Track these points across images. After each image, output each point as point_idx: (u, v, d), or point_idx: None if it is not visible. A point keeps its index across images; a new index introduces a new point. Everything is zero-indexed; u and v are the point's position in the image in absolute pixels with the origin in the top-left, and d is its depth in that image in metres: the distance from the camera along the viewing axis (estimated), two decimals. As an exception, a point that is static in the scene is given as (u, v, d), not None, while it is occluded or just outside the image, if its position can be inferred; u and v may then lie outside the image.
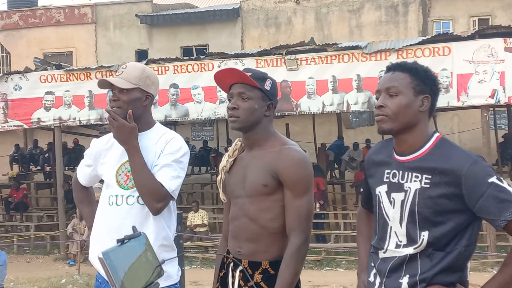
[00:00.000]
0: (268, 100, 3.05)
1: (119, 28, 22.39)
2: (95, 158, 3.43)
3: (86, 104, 15.30)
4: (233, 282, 3.08)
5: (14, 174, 20.43)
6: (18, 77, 15.86)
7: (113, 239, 3.23)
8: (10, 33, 23.45)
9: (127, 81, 3.25)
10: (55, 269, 13.90)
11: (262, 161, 3.01)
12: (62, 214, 15.93)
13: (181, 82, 14.53)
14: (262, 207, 2.99)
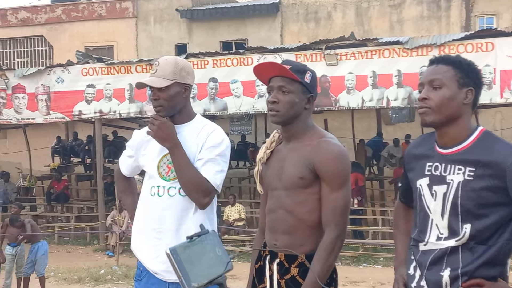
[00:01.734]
0: (308, 93, 3.04)
1: (159, 22, 22.54)
2: (137, 149, 3.46)
3: (126, 97, 15.45)
4: (271, 275, 3.08)
5: (55, 166, 20.73)
6: (61, 70, 16.09)
7: (155, 230, 3.29)
8: (53, 27, 23.80)
9: (163, 78, 3.26)
10: (95, 260, 14.09)
11: (300, 153, 3.00)
12: (101, 205, 16.13)
13: (220, 76, 14.57)
14: (298, 200, 2.99)
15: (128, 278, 11.60)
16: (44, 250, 10.71)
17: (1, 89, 16.49)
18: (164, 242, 3.24)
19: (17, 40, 24.50)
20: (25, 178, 21.21)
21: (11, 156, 22.20)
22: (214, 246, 2.56)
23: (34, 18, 23.94)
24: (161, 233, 3.28)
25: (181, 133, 3.28)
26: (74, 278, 11.86)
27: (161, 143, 3.26)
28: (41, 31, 23.95)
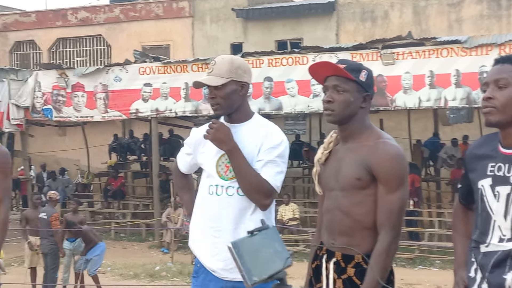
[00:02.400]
0: (364, 92, 3.02)
1: (215, 21, 22.68)
2: (195, 147, 3.48)
3: (182, 96, 15.61)
4: (327, 274, 3.06)
5: (112, 163, 21.09)
6: (118, 69, 16.37)
7: (213, 228, 3.31)
8: (112, 27, 24.22)
9: (219, 76, 3.27)
10: (150, 256, 14.27)
11: (356, 154, 2.97)
12: (157, 203, 16.35)
13: (275, 76, 14.57)
14: (355, 201, 2.96)
15: (183, 275, 11.72)
16: (100, 251, 10.81)
17: (61, 87, 16.86)
18: (221, 241, 3.26)
19: (76, 39, 25.04)
20: (83, 175, 21.68)
21: (70, 153, 22.69)
22: (274, 242, 2.57)
23: (93, 18, 24.43)
24: (219, 232, 3.30)
25: (239, 132, 3.29)
26: (130, 274, 12.05)
27: (218, 147, 3.28)
28: (100, 30, 24.42)
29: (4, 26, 25.88)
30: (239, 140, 3.26)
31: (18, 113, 17.05)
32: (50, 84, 17.01)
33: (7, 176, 4.24)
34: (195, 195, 3.52)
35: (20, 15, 26.28)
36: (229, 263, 3.25)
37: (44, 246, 10.23)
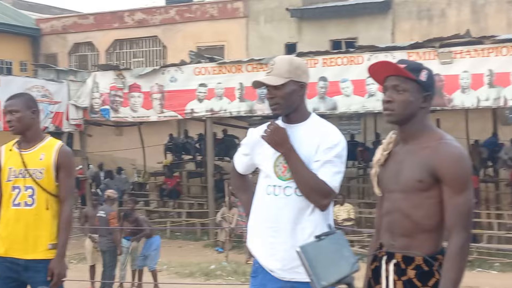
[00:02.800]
0: (424, 92, 2.98)
1: (269, 21, 22.71)
2: (252, 148, 3.49)
3: (237, 96, 15.69)
4: (387, 276, 3.04)
5: (167, 163, 21.33)
6: (174, 69, 16.57)
7: (270, 228, 3.32)
8: (167, 28, 24.52)
9: (279, 76, 3.28)
10: (205, 255, 14.39)
11: (418, 156, 2.93)
12: (212, 202, 16.48)
13: (330, 75, 14.51)
14: (415, 203, 2.92)
15: (238, 274, 11.78)
16: (156, 245, 11.07)
17: (119, 88, 17.17)
18: (279, 241, 3.27)
19: (133, 40, 25.44)
20: (139, 174, 21.99)
21: (127, 152, 23.04)
22: (341, 246, 2.57)
23: (149, 19, 24.77)
24: (277, 232, 3.30)
25: (297, 132, 3.29)
26: (186, 273, 12.18)
27: (275, 148, 3.28)
28: (156, 31, 24.74)
29: (63, 28, 26.49)
30: (297, 140, 3.26)
31: (77, 114, 17.44)
32: (107, 85, 17.34)
33: (71, 176, 4.36)
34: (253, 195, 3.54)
35: (78, 17, 26.86)
36: (287, 263, 3.26)
37: (103, 244, 10.43)
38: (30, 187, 4.21)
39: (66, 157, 4.31)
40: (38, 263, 4.18)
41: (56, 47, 26.72)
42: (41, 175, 4.22)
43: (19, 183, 4.23)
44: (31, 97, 4.53)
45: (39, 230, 4.20)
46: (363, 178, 18.90)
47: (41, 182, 4.21)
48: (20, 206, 4.21)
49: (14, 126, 4.27)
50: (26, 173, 4.22)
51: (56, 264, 4.17)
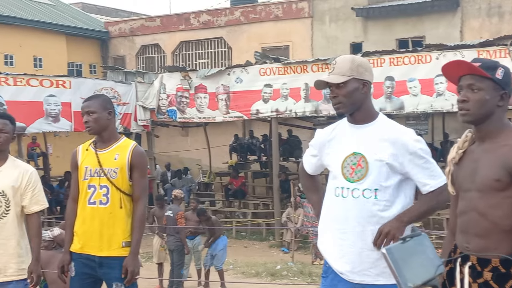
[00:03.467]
0: (500, 90, 2.91)
1: (334, 21, 22.57)
2: (320, 149, 3.49)
3: (302, 97, 15.67)
4: (462, 278, 2.98)
5: (233, 163, 21.46)
6: (240, 70, 16.68)
7: (339, 230, 3.31)
8: (232, 29, 24.68)
9: (340, 75, 3.28)
10: (270, 255, 14.42)
11: (496, 154, 2.86)
12: (277, 202, 16.50)
13: (396, 75, 14.33)
14: (492, 202, 2.85)
15: (304, 275, 11.77)
16: (223, 245, 11.17)
17: (185, 89, 17.41)
18: (347, 243, 3.27)
19: (198, 42, 25.72)
20: (205, 174, 22.21)
21: (193, 153, 23.32)
22: (425, 248, 2.55)
23: (214, 20, 24.99)
24: (345, 234, 3.30)
25: (364, 133, 3.27)
26: (252, 272, 12.24)
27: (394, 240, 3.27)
28: (221, 33, 24.94)
29: (131, 31, 27.01)
30: (365, 142, 3.24)
31: (145, 115, 17.78)
32: (174, 86, 17.61)
33: (144, 175, 4.46)
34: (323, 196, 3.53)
35: (145, 20, 27.33)
36: (356, 266, 3.24)
37: (171, 243, 10.59)
38: (105, 186, 4.32)
39: (139, 157, 4.40)
40: (112, 260, 4.28)
41: (124, 49, 27.28)
42: (115, 174, 4.32)
43: (94, 182, 4.34)
44: (107, 98, 4.65)
45: (113, 228, 4.30)
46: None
47: (115, 181, 4.32)
48: (95, 204, 4.32)
49: (91, 127, 4.39)
50: (101, 172, 4.33)
51: (130, 261, 4.26)
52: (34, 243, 4.51)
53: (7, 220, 4.41)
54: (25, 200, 4.48)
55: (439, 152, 18.22)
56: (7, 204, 4.41)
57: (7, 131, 4.50)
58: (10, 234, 4.42)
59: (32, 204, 4.50)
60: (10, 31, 22.96)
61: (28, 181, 4.50)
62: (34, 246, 4.50)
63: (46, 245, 6.35)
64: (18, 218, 4.48)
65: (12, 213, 4.43)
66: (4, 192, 4.42)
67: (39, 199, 4.55)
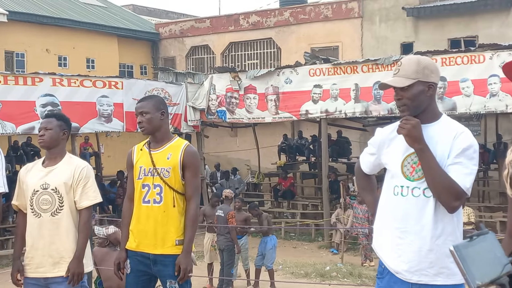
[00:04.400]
0: None
1: (384, 21, 22.37)
2: (379, 147, 3.47)
3: (352, 97, 15.58)
4: None
5: (281, 164, 21.46)
6: (289, 71, 16.68)
7: (398, 229, 3.27)
8: (281, 30, 24.70)
9: (405, 77, 3.25)
10: (319, 256, 14.39)
11: None
12: (326, 203, 16.45)
13: (449, 75, 14.11)
14: None
15: (353, 276, 11.71)
16: (272, 244, 11.20)
17: (234, 90, 17.50)
18: (406, 242, 3.23)
19: (248, 43, 25.82)
20: (253, 174, 22.27)
21: (241, 153, 23.45)
22: (492, 247, 2.54)
23: (264, 21, 25.05)
24: (404, 233, 3.26)
25: (427, 133, 3.23)
26: (301, 273, 12.23)
27: (410, 144, 3.23)
28: (270, 33, 24.99)
29: (181, 32, 27.29)
30: (428, 141, 3.20)
31: (195, 115, 17.94)
32: (224, 87, 17.72)
33: (196, 175, 4.50)
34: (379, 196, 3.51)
35: (195, 21, 27.59)
36: (414, 265, 3.21)
37: (221, 242, 10.66)
38: (158, 185, 4.39)
39: (191, 157, 4.45)
40: (166, 257, 4.34)
41: (174, 50, 27.58)
42: (168, 173, 4.38)
43: (148, 181, 4.41)
44: (161, 99, 4.72)
45: (166, 226, 4.36)
46: (483, 181, 18.24)
47: (168, 180, 4.38)
48: (149, 203, 4.39)
49: (144, 127, 4.46)
50: (154, 171, 4.39)
51: (183, 259, 4.30)
52: (79, 238, 4.54)
53: (61, 216, 4.50)
54: (76, 195, 4.55)
55: (492, 153, 17.89)
56: (60, 201, 4.50)
57: (52, 128, 4.60)
58: (64, 230, 4.50)
59: (82, 199, 4.56)
60: (64, 33, 23.49)
61: (80, 176, 4.57)
62: (79, 242, 4.53)
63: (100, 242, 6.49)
64: (73, 214, 4.55)
65: (65, 209, 4.51)
66: (57, 189, 4.51)
67: (89, 194, 4.59)
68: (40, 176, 4.57)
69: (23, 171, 4.73)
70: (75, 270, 4.47)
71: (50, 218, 4.48)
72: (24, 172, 4.70)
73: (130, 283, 4.47)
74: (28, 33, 22.37)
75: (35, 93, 14.43)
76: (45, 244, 4.48)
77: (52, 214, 4.49)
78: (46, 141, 4.61)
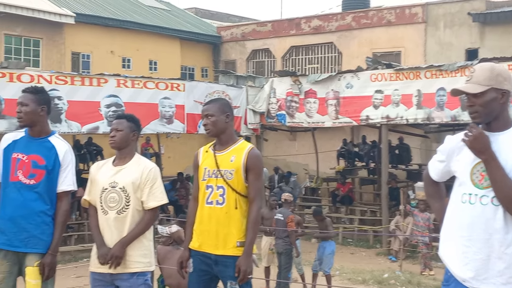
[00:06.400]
0: None
1: (449, 27, 22.02)
2: (449, 155, 3.44)
3: (414, 103, 15.37)
4: None
5: (340, 169, 21.36)
6: (350, 76, 16.58)
7: (464, 237, 3.24)
8: (343, 34, 24.60)
9: (478, 84, 3.22)
10: (377, 263, 14.23)
11: None
12: (385, 210, 16.27)
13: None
14: None
15: (412, 284, 11.55)
16: (331, 250, 11.15)
17: (295, 94, 17.50)
18: (473, 250, 3.21)
19: (309, 47, 25.82)
20: (311, 179, 22.21)
21: (299, 157, 23.43)
22: None
23: (325, 26, 25.00)
24: (471, 241, 3.22)
25: (499, 141, 3.19)
26: (358, 279, 12.12)
27: (476, 154, 3.20)
28: (332, 38, 24.92)
29: (243, 36, 27.48)
30: (499, 149, 3.16)
31: (255, 118, 18.01)
32: (284, 91, 17.74)
33: (259, 177, 4.54)
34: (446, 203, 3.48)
35: (257, 25, 27.74)
36: (481, 273, 3.18)
37: (279, 246, 10.66)
38: (221, 186, 4.45)
39: (255, 160, 4.49)
40: (227, 258, 4.39)
41: (235, 53, 27.80)
42: (231, 176, 4.43)
43: (211, 183, 4.48)
44: (226, 102, 4.77)
45: (228, 228, 4.41)
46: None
47: (231, 182, 4.43)
48: (212, 204, 4.46)
49: (209, 129, 4.54)
50: (218, 173, 4.46)
51: (243, 261, 4.35)
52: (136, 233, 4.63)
53: (126, 215, 4.60)
54: (144, 195, 4.64)
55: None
56: (127, 200, 4.60)
57: (122, 129, 4.71)
58: (129, 228, 4.60)
59: (150, 200, 4.65)
60: (128, 36, 23.98)
61: (147, 177, 4.66)
62: (133, 234, 4.60)
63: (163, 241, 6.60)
64: (139, 213, 4.65)
65: (131, 208, 4.61)
66: (125, 188, 4.61)
67: (156, 195, 4.67)
68: (109, 174, 4.70)
69: (94, 168, 4.88)
70: (114, 252, 4.53)
71: (116, 215, 4.60)
72: (95, 169, 4.85)
73: (192, 282, 4.55)
74: (94, 35, 22.94)
75: (100, 94, 14.76)
76: (112, 240, 4.59)
77: (118, 212, 4.60)
78: (117, 142, 4.72)
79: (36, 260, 4.52)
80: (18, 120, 4.70)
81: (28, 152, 4.62)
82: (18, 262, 4.56)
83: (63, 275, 11.37)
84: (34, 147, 4.65)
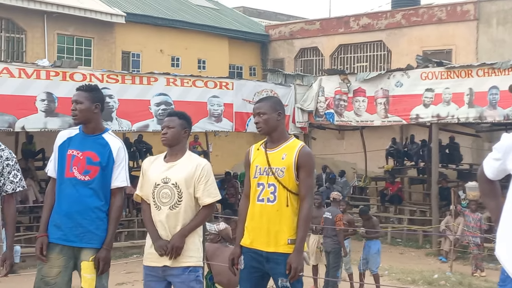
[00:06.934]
0: None
1: (502, 24, 21.57)
2: (505, 153, 3.37)
3: (466, 102, 15.13)
4: None
5: (389, 168, 21.14)
6: (400, 74, 16.40)
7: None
8: (392, 32, 24.33)
9: None
10: (427, 264, 14.06)
11: None
12: (435, 210, 16.05)
13: None
14: None
15: (463, 286, 11.39)
16: (376, 249, 11.06)
17: (343, 92, 17.41)
18: None
19: (357, 45, 25.61)
20: (359, 178, 22.04)
21: (347, 156, 23.27)
22: None
23: (374, 24, 24.77)
24: None
25: None
26: (408, 280, 12.00)
27: None
28: (381, 36, 24.67)
29: (291, 34, 27.44)
30: None
31: (303, 117, 17.99)
32: (332, 89, 17.66)
33: (310, 175, 4.53)
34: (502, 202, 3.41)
35: (305, 23, 27.65)
36: (539, 273, 3.11)
37: (328, 244, 10.64)
38: (273, 184, 4.45)
39: (306, 157, 4.48)
40: (278, 256, 4.39)
41: (283, 52, 27.77)
42: (282, 173, 4.43)
43: (263, 180, 4.49)
44: (278, 100, 4.78)
45: (279, 225, 4.41)
46: None
47: (282, 180, 4.43)
48: (263, 202, 4.47)
49: (261, 127, 4.55)
50: (269, 171, 4.46)
51: (294, 258, 4.34)
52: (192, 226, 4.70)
53: (179, 210, 4.64)
54: (198, 192, 4.69)
55: None
56: (179, 195, 4.64)
57: (174, 126, 4.76)
58: (181, 223, 4.65)
59: (205, 196, 4.69)
60: (177, 35, 24.20)
61: (201, 174, 4.70)
62: (190, 227, 4.68)
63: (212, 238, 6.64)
64: (191, 208, 4.70)
65: (184, 203, 4.65)
66: (177, 183, 4.66)
67: (211, 192, 4.72)
68: (161, 170, 4.75)
69: (146, 164, 4.93)
70: (175, 243, 4.58)
71: (168, 211, 4.65)
72: (147, 165, 4.90)
73: (244, 278, 4.57)
74: (143, 34, 23.21)
75: (150, 92, 14.94)
76: (165, 235, 4.65)
77: (171, 208, 4.65)
78: (169, 139, 4.77)
79: (91, 255, 4.58)
80: (73, 117, 4.78)
81: (83, 149, 4.69)
82: (74, 257, 4.63)
83: (114, 270, 11.55)
84: (88, 144, 4.72)
